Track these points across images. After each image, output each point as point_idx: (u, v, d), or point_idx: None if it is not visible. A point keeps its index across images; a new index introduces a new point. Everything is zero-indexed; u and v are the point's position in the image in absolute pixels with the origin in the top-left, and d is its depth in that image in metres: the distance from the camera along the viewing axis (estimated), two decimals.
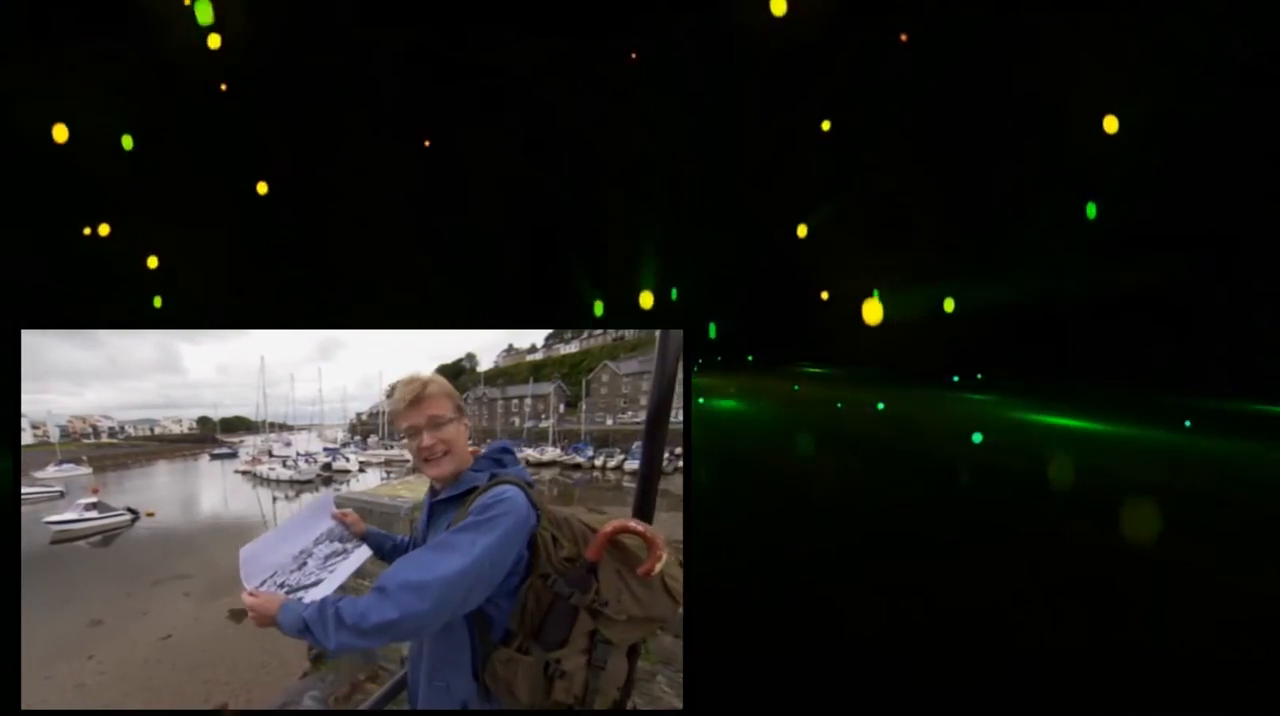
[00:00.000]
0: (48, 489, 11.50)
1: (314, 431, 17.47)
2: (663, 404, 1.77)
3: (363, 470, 15.14)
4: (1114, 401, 2.87)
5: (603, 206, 3.61)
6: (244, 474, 15.18)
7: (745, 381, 3.10)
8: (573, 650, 1.43)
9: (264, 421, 17.23)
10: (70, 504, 10.02)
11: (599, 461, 14.37)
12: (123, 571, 8.01)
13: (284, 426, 17.49)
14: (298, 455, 15.29)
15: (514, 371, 18.27)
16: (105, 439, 16.38)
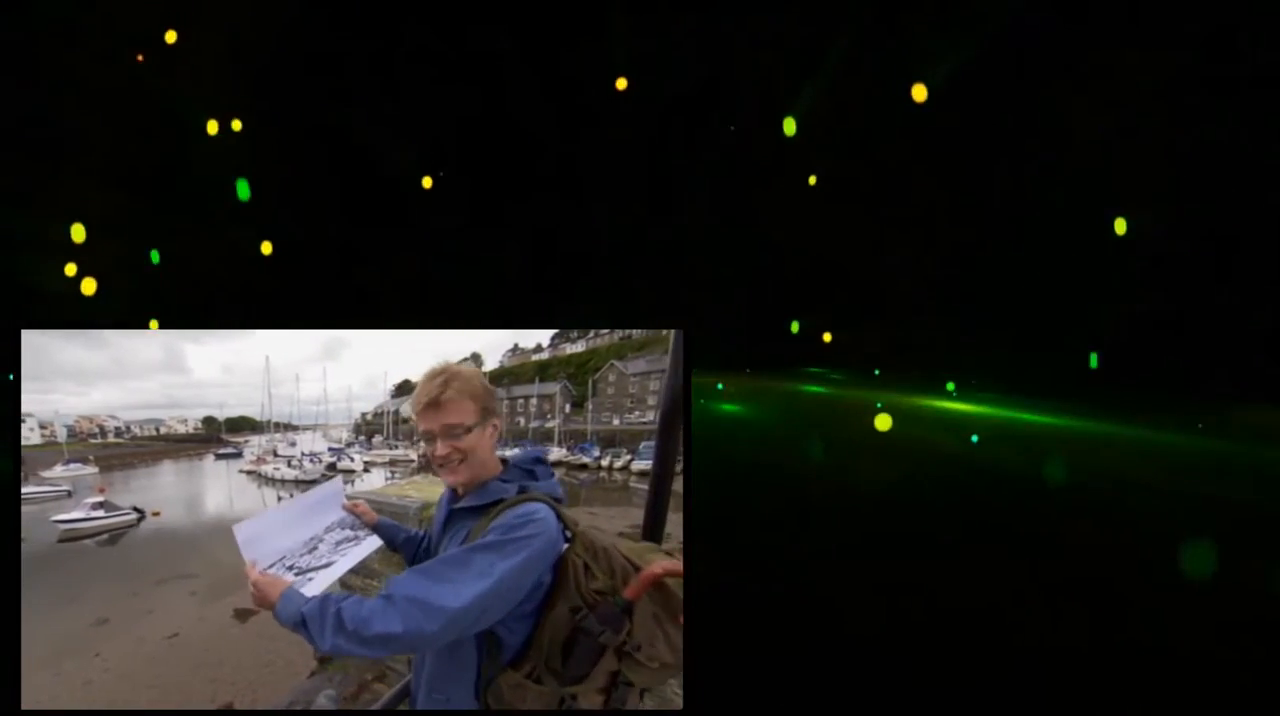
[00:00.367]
0: (55, 488, 11.56)
1: (319, 431, 17.52)
2: (675, 404, 1.76)
3: (367, 470, 15.18)
4: (1114, 401, 2.87)
5: (604, 206, 3.62)
6: (249, 473, 15.23)
7: (746, 381, 3.10)
8: (590, 687, 1.34)
9: (269, 421, 17.29)
10: (77, 503, 10.07)
11: (605, 461, 14.35)
12: (129, 570, 8.07)
13: (289, 426, 17.55)
14: (302, 455, 15.33)
15: (519, 371, 18.30)
16: (111, 439, 16.45)
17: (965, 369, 3.11)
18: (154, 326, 3.75)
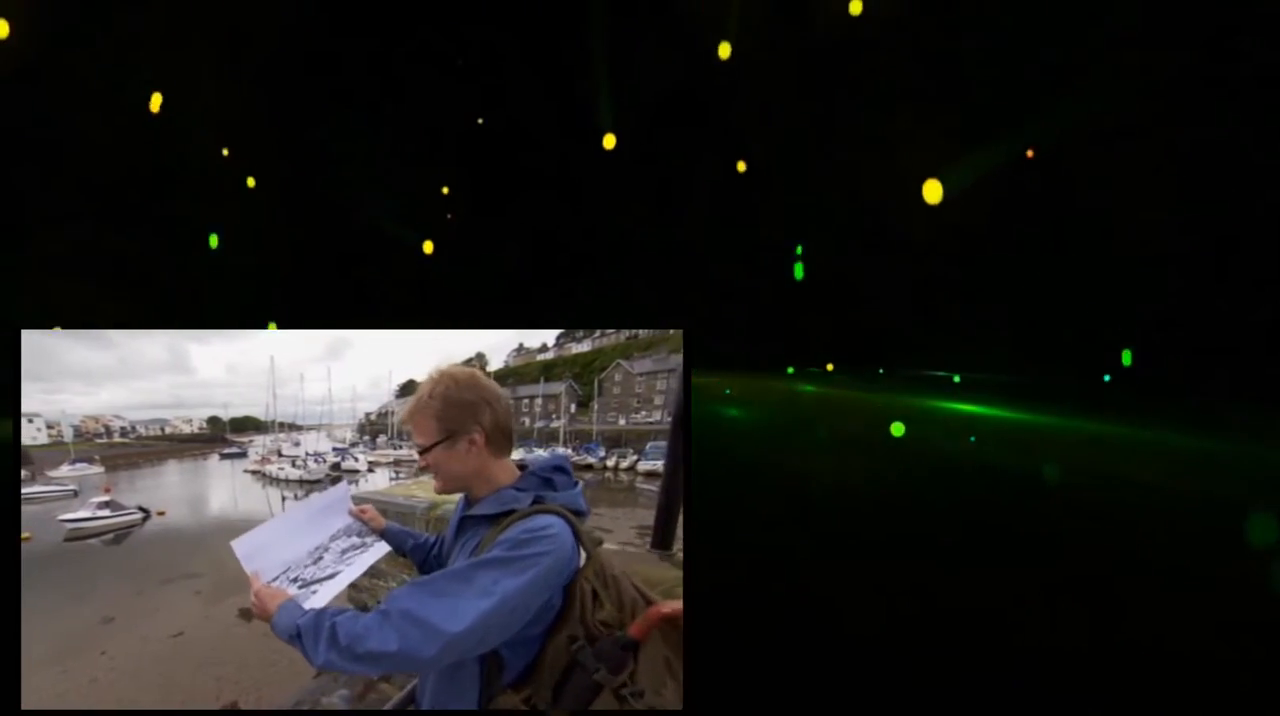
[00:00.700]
0: (62, 487, 11.62)
1: (323, 431, 17.56)
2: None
3: (371, 470, 15.21)
4: (1113, 402, 2.87)
5: (604, 206, 3.63)
6: (253, 473, 15.28)
7: (747, 381, 3.11)
8: None
9: (273, 421, 17.33)
10: (83, 502, 10.13)
11: (611, 462, 14.31)
12: (134, 569, 8.10)
13: (293, 426, 17.59)
14: (307, 455, 15.37)
15: (524, 371, 18.29)
16: (117, 438, 16.52)
17: (969, 367, 3.11)
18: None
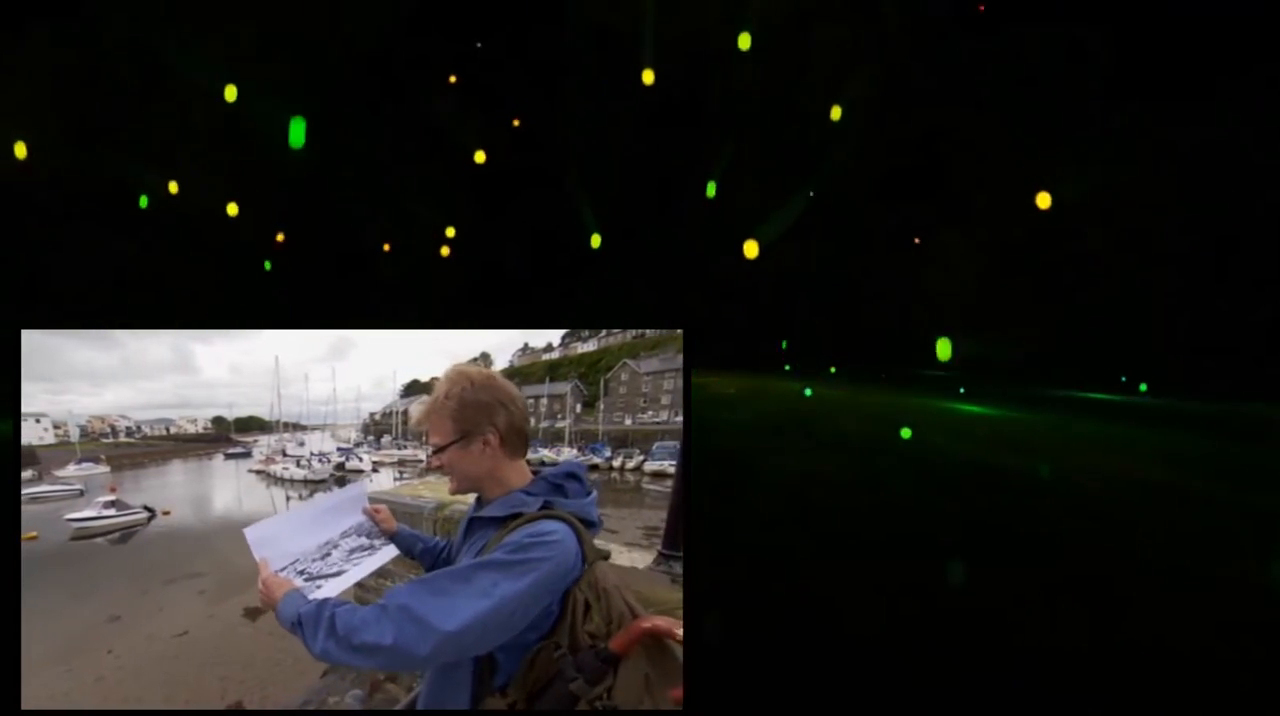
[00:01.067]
0: (68, 487, 11.67)
1: (327, 431, 17.58)
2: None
3: (376, 470, 15.23)
4: (1114, 402, 2.88)
5: (606, 205, 3.64)
6: (258, 473, 15.31)
7: (747, 381, 3.12)
8: None
9: (278, 421, 17.37)
10: (89, 502, 10.18)
11: (617, 462, 14.25)
12: (139, 568, 8.14)
13: (298, 426, 17.62)
14: (311, 455, 15.40)
15: (530, 370, 18.26)
16: (123, 438, 16.57)
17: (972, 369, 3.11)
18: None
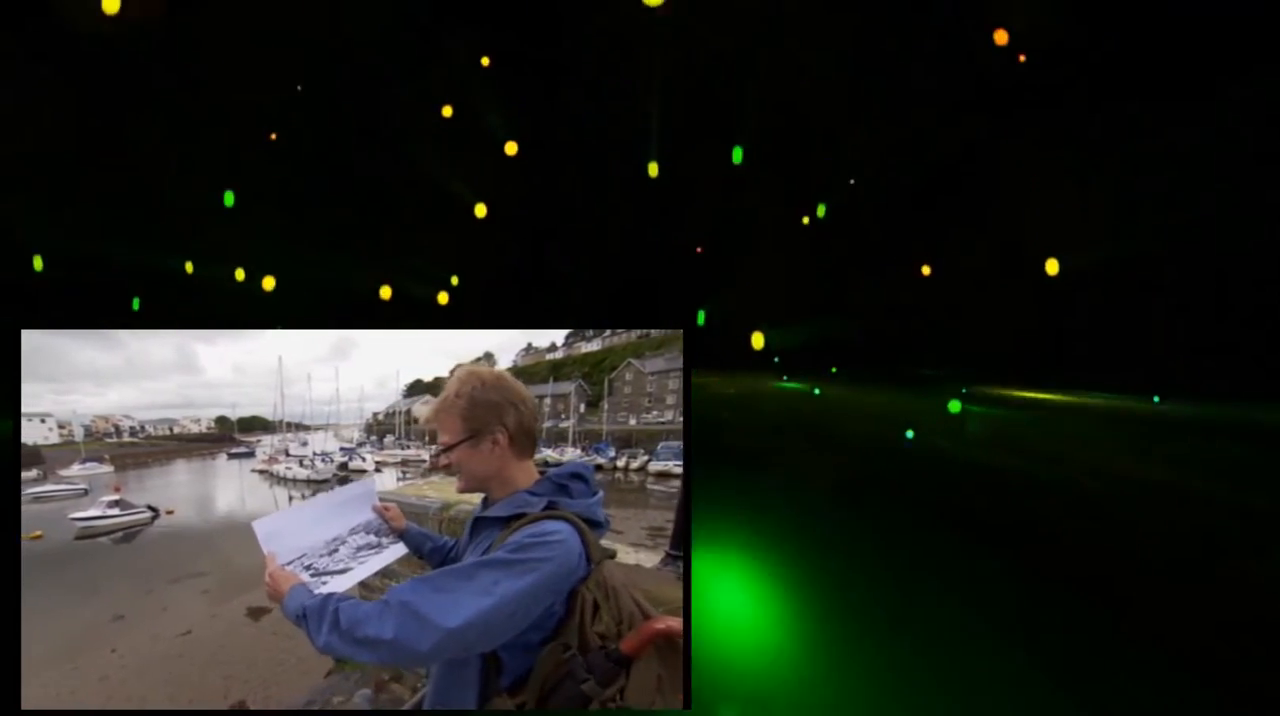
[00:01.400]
0: (72, 486, 11.70)
1: (330, 431, 17.61)
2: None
3: (378, 470, 15.24)
4: (1114, 403, 2.88)
5: (608, 205, 3.65)
6: (261, 473, 15.33)
7: (748, 381, 3.13)
8: None
9: (281, 421, 17.38)
10: (93, 501, 10.21)
11: (621, 462, 14.23)
12: (143, 567, 8.17)
13: (301, 426, 17.64)
14: (314, 454, 15.42)
15: (533, 370, 18.24)
16: (126, 438, 16.60)
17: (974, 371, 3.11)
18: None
